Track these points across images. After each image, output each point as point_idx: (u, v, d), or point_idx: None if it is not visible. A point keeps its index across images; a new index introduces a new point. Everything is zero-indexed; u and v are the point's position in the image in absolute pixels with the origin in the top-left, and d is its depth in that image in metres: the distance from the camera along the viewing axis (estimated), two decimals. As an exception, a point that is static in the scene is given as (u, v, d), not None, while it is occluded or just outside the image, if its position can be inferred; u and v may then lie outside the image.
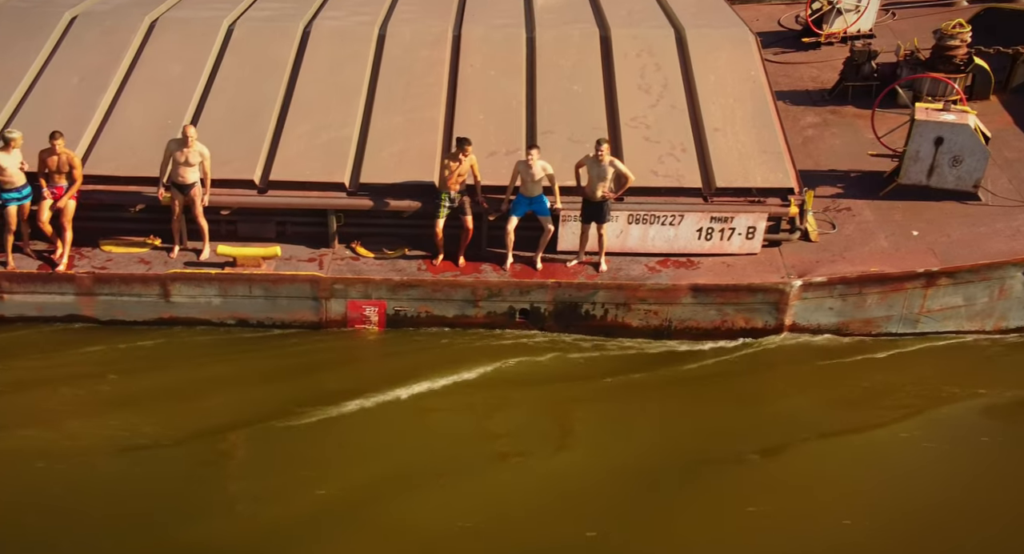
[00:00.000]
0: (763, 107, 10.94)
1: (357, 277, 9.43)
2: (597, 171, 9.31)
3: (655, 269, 9.73)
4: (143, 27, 11.44)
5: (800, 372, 9.33)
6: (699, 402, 9.00)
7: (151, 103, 10.46)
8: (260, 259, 9.34)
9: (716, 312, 9.58)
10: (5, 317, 9.39)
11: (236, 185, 9.73)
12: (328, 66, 11.21)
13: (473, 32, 11.88)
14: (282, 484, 7.88)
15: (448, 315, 9.63)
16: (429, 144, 10.34)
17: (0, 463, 7.96)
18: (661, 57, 11.65)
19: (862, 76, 12.86)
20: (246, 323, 9.57)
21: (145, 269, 9.35)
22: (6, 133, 8.99)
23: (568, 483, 8.02)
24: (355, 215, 9.84)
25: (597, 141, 9.30)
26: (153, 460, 8.06)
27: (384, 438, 8.40)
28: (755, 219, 9.72)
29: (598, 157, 9.23)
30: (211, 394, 8.79)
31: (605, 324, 9.66)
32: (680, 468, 8.24)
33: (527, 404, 8.97)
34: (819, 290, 9.46)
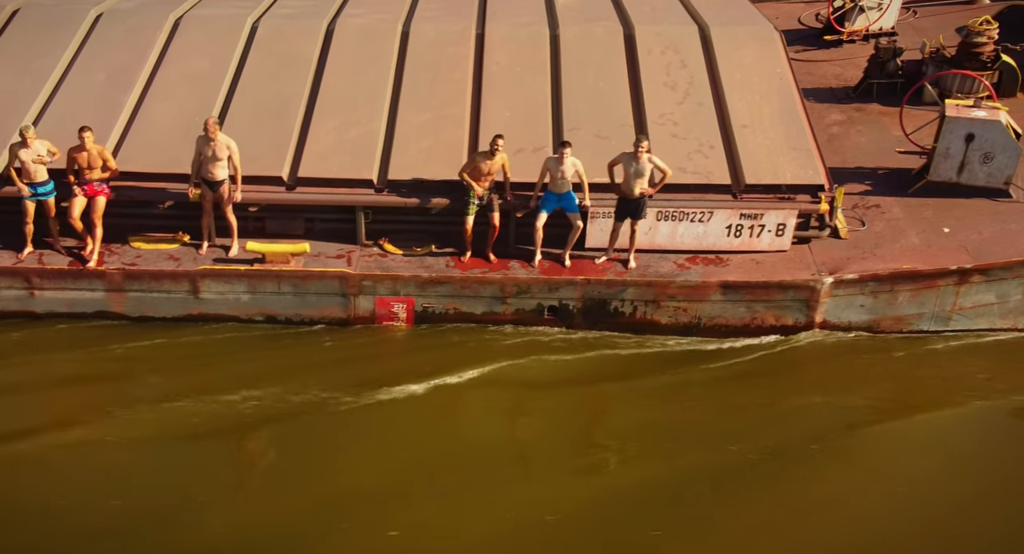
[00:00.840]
0: (790, 104, 10.89)
1: (386, 274, 9.40)
2: (635, 168, 9.23)
3: (684, 266, 9.68)
4: (168, 25, 11.45)
5: (831, 370, 9.26)
6: (730, 401, 8.92)
7: (178, 100, 10.46)
8: (289, 256, 9.32)
9: (746, 309, 9.52)
10: (36, 313, 9.40)
11: (264, 182, 9.71)
12: (353, 63, 11.20)
13: (497, 30, 11.86)
14: (305, 479, 7.85)
15: (476, 312, 9.60)
16: (456, 140, 10.31)
17: (27, 458, 7.95)
18: (686, 54, 11.61)
19: (887, 73, 12.80)
20: (274, 320, 9.56)
21: (174, 266, 9.34)
22: (22, 128, 8.99)
23: (600, 486, 7.95)
24: (383, 212, 9.82)
25: (636, 138, 9.24)
26: (177, 454, 8.06)
27: (410, 436, 8.36)
28: (785, 216, 9.66)
29: (637, 154, 9.17)
30: (238, 390, 8.74)
31: (634, 321, 9.61)
32: (712, 468, 8.14)
33: (556, 403, 8.92)
34: (850, 287, 9.40)
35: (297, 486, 7.76)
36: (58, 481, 7.74)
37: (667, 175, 9.31)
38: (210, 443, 8.21)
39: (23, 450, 8.01)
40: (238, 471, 8.08)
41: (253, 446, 8.40)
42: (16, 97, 10.24)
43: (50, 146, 9.13)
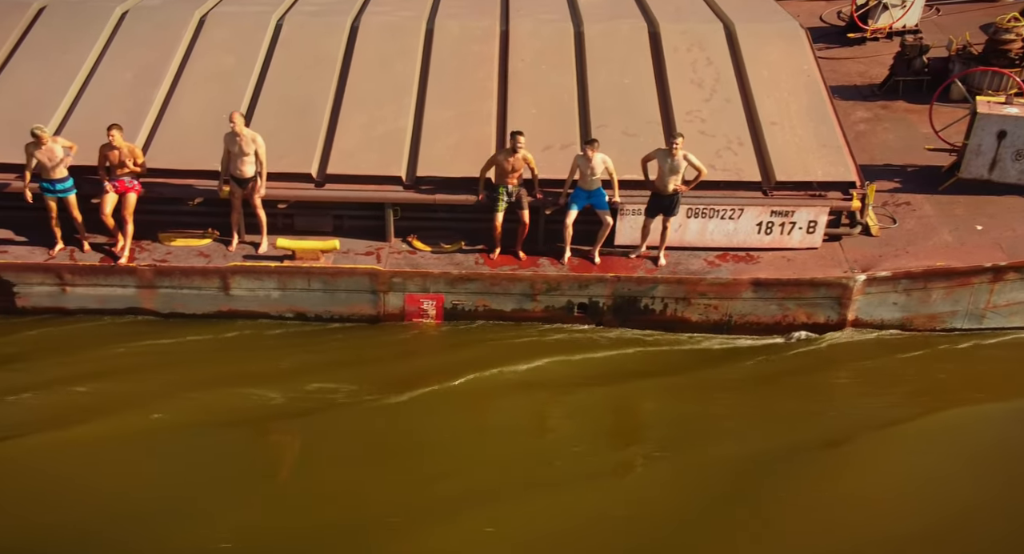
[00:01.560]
0: (819, 101, 10.84)
1: (416, 270, 9.38)
2: (670, 165, 9.19)
3: (714, 263, 9.63)
4: (193, 22, 11.45)
5: (863, 368, 9.20)
6: (761, 398, 8.87)
7: (205, 97, 10.46)
8: (319, 252, 9.31)
9: (777, 307, 9.46)
10: (68, 309, 9.42)
11: (293, 179, 9.70)
12: (378, 60, 11.19)
13: (521, 27, 11.83)
14: (332, 480, 7.80)
15: (506, 309, 9.56)
16: (484, 137, 10.29)
17: (58, 450, 7.97)
18: (712, 52, 11.57)
19: (913, 71, 12.73)
20: (304, 316, 9.55)
21: (205, 262, 9.34)
22: (32, 129, 8.97)
23: (630, 484, 7.91)
24: (411, 208, 9.80)
25: (673, 135, 9.19)
26: (202, 450, 8.05)
27: (440, 435, 8.33)
28: (816, 213, 9.60)
29: (672, 151, 9.12)
30: (267, 387, 8.73)
31: (664, 319, 9.57)
32: (741, 465, 8.09)
33: (585, 401, 8.87)
34: (883, 285, 9.34)
35: (323, 486, 7.71)
36: (84, 474, 7.75)
37: (702, 173, 9.26)
38: (235, 440, 8.21)
39: (50, 442, 8.02)
40: (263, 469, 8.02)
41: (279, 445, 8.39)
42: (45, 94, 10.25)
43: (64, 142, 9.13)
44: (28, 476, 7.71)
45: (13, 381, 8.65)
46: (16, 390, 8.55)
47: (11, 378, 8.68)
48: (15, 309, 9.37)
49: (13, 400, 8.43)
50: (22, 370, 8.77)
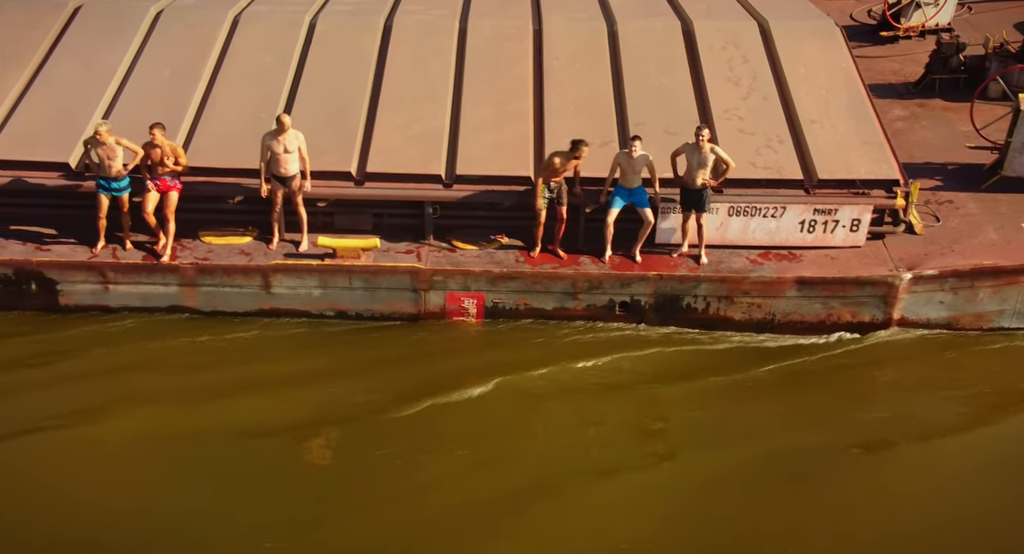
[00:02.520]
0: (858, 98, 10.78)
1: (457, 269, 9.36)
2: (697, 158, 9.19)
3: (757, 262, 9.57)
4: (227, 21, 11.48)
5: (910, 368, 9.12)
6: (806, 398, 8.80)
7: (243, 96, 10.48)
8: (359, 251, 9.30)
9: (822, 306, 9.40)
10: (110, 307, 9.43)
11: (333, 177, 9.71)
12: (413, 59, 11.19)
13: (554, 25, 11.82)
14: (374, 481, 7.73)
15: (547, 307, 9.53)
16: (522, 135, 10.27)
17: (96, 449, 7.96)
18: (747, 49, 11.52)
19: (950, 69, 12.66)
20: (345, 315, 9.53)
21: (246, 260, 9.34)
22: (97, 125, 9.04)
23: (678, 486, 7.82)
24: (451, 207, 9.79)
25: (697, 127, 9.18)
26: (248, 452, 8.00)
27: (484, 434, 8.27)
28: (860, 211, 9.54)
29: (698, 144, 9.12)
30: (307, 387, 8.72)
31: (707, 317, 9.52)
32: (786, 464, 8.01)
33: (628, 400, 8.82)
34: (929, 283, 9.26)
35: (367, 489, 7.65)
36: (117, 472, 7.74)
37: (730, 166, 9.24)
38: (274, 441, 8.13)
39: (86, 437, 8.01)
40: (300, 472, 7.94)
41: (318, 446, 8.30)
42: (84, 93, 10.29)
43: (129, 144, 9.13)
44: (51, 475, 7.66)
45: (51, 378, 8.64)
46: (53, 386, 8.55)
47: (49, 374, 8.68)
48: (58, 307, 9.40)
49: (49, 396, 8.42)
50: (62, 367, 8.77)
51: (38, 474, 7.66)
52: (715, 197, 9.59)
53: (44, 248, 9.39)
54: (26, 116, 10.03)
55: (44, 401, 8.36)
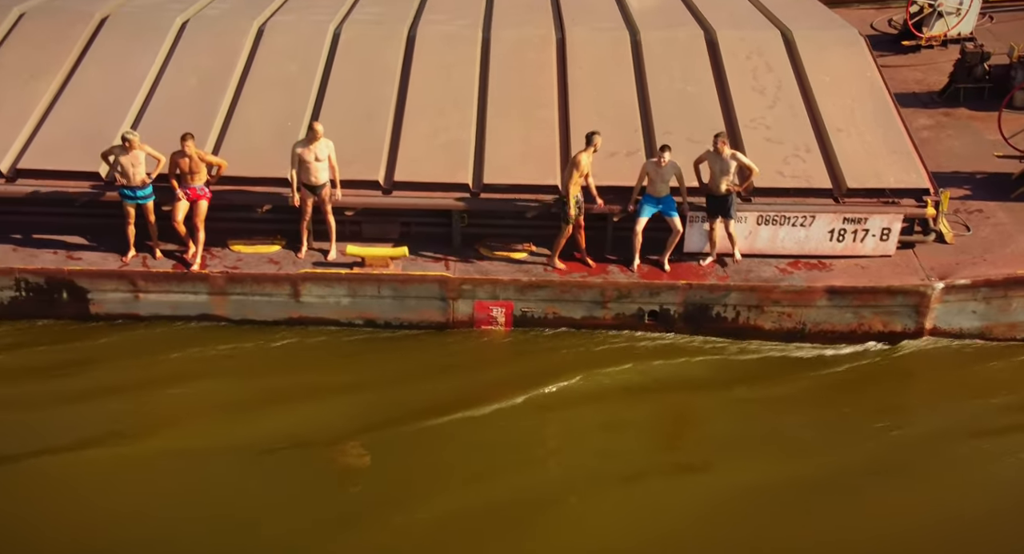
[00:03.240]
0: (884, 107, 10.82)
1: (485, 277, 9.40)
2: (719, 165, 9.25)
3: (786, 271, 9.59)
4: (252, 31, 11.60)
5: (943, 378, 9.12)
6: (837, 409, 8.78)
7: (270, 105, 10.57)
8: (388, 259, 9.35)
9: (853, 315, 9.40)
10: (140, 316, 9.50)
11: (360, 186, 9.78)
12: (437, 69, 11.28)
13: (577, 35, 11.90)
14: (405, 492, 7.73)
15: (576, 316, 9.56)
16: (548, 144, 10.34)
17: (125, 461, 7.96)
18: (771, 58, 11.59)
19: (974, 78, 12.69)
20: (373, 323, 9.58)
21: (275, 269, 9.41)
22: (125, 134, 9.15)
23: (708, 496, 7.80)
24: (478, 215, 9.85)
25: (715, 135, 9.23)
26: (277, 463, 8.01)
27: (512, 446, 8.27)
28: (890, 220, 9.55)
29: (717, 150, 9.18)
30: (337, 397, 8.74)
31: (736, 326, 9.53)
32: (814, 476, 7.98)
33: (658, 409, 8.84)
34: (962, 293, 9.26)
35: (396, 503, 7.62)
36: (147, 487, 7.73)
37: (754, 172, 9.31)
38: (303, 453, 8.15)
39: (121, 453, 8.02)
40: (328, 483, 7.93)
41: (348, 457, 8.30)
42: (113, 102, 10.40)
43: (151, 151, 9.26)
44: (84, 489, 7.67)
45: (82, 388, 8.69)
46: (85, 397, 8.60)
47: (80, 385, 8.74)
48: (89, 315, 9.47)
49: (80, 408, 8.46)
50: (93, 377, 8.83)
51: (70, 487, 7.69)
52: (744, 206, 9.64)
53: (75, 257, 9.47)
54: (56, 126, 10.14)
55: (75, 413, 8.41)
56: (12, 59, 10.94)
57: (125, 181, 9.18)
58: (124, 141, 9.09)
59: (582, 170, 9.28)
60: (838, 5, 16.07)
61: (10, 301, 9.46)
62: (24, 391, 8.64)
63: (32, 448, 7.97)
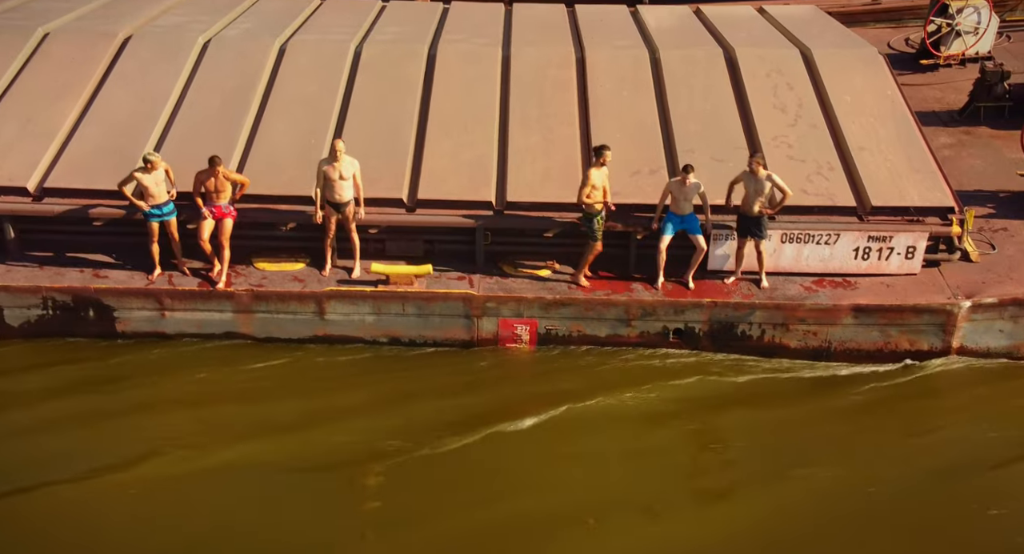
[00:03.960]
0: (906, 126, 10.95)
1: (510, 295, 9.50)
2: (754, 186, 9.36)
3: (811, 289, 9.66)
4: (274, 50, 11.79)
5: (970, 398, 9.16)
6: (863, 428, 8.81)
7: (293, 123, 10.74)
8: (413, 277, 9.46)
9: (879, 333, 9.46)
10: (166, 334, 9.61)
11: (384, 204, 9.92)
12: (459, 87, 11.45)
13: (598, 54, 12.07)
14: (429, 511, 7.80)
15: (600, 334, 9.64)
16: (571, 161, 10.47)
17: (142, 481, 8.02)
18: (791, 77, 11.74)
19: (994, 96, 12.81)
20: (398, 341, 9.67)
21: (300, 287, 9.52)
22: (147, 155, 9.32)
23: (732, 516, 7.85)
24: (502, 233, 9.97)
25: (751, 154, 9.32)
26: (302, 483, 8.05)
27: (535, 466, 8.32)
28: (915, 238, 9.64)
29: (754, 171, 9.29)
30: (363, 417, 8.80)
31: (762, 344, 9.60)
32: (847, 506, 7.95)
33: (685, 429, 8.88)
34: (989, 311, 9.32)
35: (422, 524, 7.67)
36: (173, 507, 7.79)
37: (787, 195, 9.39)
38: (329, 473, 8.19)
39: (147, 473, 8.08)
40: (357, 507, 7.97)
41: (373, 478, 8.33)
42: (137, 121, 10.58)
43: (166, 166, 9.44)
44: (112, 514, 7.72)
45: (109, 408, 8.78)
46: (111, 417, 8.68)
47: (107, 404, 8.82)
48: (115, 333, 9.58)
49: (108, 427, 8.55)
50: (120, 397, 8.91)
51: (98, 510, 7.75)
52: (768, 224, 9.70)
53: (101, 275, 9.61)
54: (82, 145, 10.32)
55: (102, 433, 8.49)
56: (37, 79, 11.14)
57: (152, 200, 9.33)
58: (146, 162, 9.28)
59: (592, 184, 9.35)
60: (855, 24, 16.28)
61: (37, 319, 9.59)
62: (51, 411, 8.72)
63: (62, 473, 8.02)
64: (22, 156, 10.12)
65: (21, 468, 8.07)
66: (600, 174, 9.39)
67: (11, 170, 9.96)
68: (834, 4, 16.89)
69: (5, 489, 7.84)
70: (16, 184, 9.82)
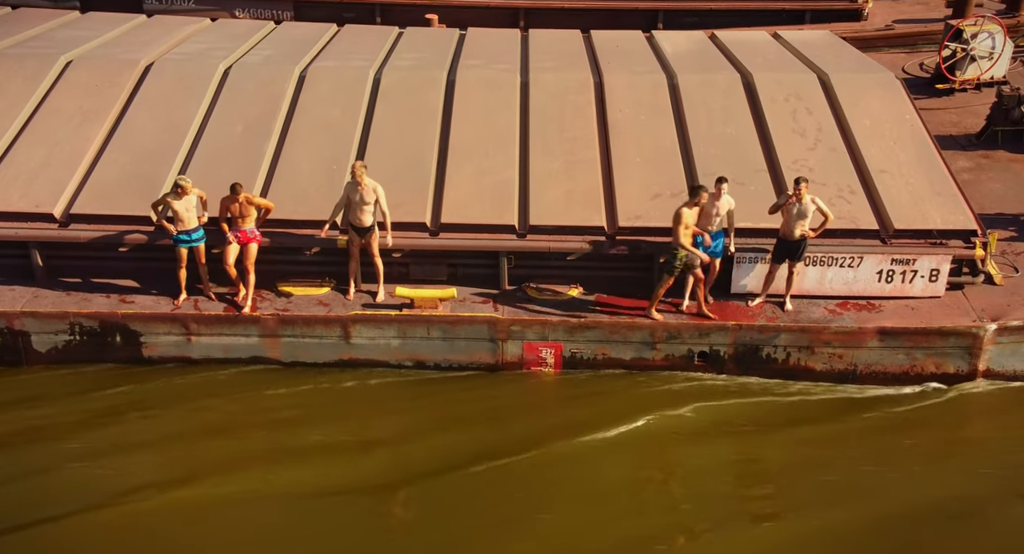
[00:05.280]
0: (926, 150, 11.23)
1: (534, 319, 9.72)
2: (798, 209, 9.57)
3: (835, 312, 9.88)
4: (294, 77, 12.14)
5: (999, 422, 9.34)
6: (890, 452, 8.97)
7: (315, 149, 11.05)
8: (437, 301, 9.68)
9: (905, 356, 9.65)
10: (192, 358, 9.83)
11: (408, 228, 10.18)
12: (479, 112, 11.77)
13: (616, 79, 12.41)
14: (462, 537, 7.91)
15: (625, 357, 9.84)
16: (592, 185, 10.76)
17: (173, 509, 8.17)
18: (809, 101, 12.05)
19: (1012, 120, 13.12)
20: (423, 365, 9.89)
21: (325, 311, 9.75)
22: (179, 180, 9.59)
23: (761, 540, 7.96)
24: (525, 257, 10.21)
25: (796, 180, 9.57)
26: (326, 511, 8.21)
27: (562, 492, 8.45)
28: (939, 261, 9.87)
29: (798, 196, 9.51)
30: (389, 444, 8.97)
31: (787, 367, 9.80)
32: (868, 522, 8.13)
33: (711, 454, 9.01)
34: (1015, 334, 9.52)
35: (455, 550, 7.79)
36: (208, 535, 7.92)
37: (829, 219, 9.61)
38: (359, 499, 8.33)
39: (179, 502, 8.21)
40: (387, 533, 8.10)
41: (398, 505, 8.48)
42: (161, 147, 10.89)
43: (200, 192, 9.71)
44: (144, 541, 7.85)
45: (138, 434, 8.96)
46: (141, 445, 8.84)
47: (136, 431, 9.00)
48: (142, 359, 9.81)
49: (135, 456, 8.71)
50: (148, 424, 9.10)
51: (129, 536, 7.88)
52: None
53: (128, 300, 9.86)
54: (106, 171, 10.62)
55: (133, 461, 8.64)
56: (61, 106, 11.48)
57: (181, 226, 9.59)
58: (177, 187, 9.55)
59: (685, 223, 9.46)
60: (869, 49, 16.65)
61: (64, 345, 9.82)
62: (81, 440, 8.87)
63: (92, 501, 8.16)
64: (48, 183, 10.43)
65: (52, 497, 8.23)
66: (693, 214, 9.53)
67: (37, 196, 10.25)
68: (848, 29, 17.31)
69: (35, 518, 7.98)
70: (43, 210, 10.11)
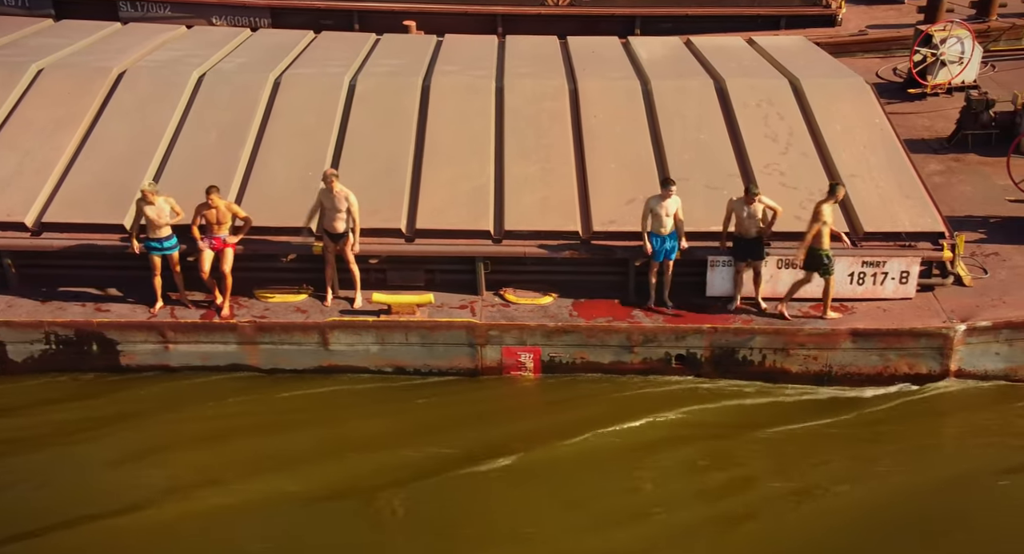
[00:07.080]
0: (895, 153, 11.69)
1: (513, 323, 10.03)
2: (748, 212, 9.99)
3: (809, 314, 10.26)
4: (269, 84, 12.39)
5: (971, 420, 9.76)
6: (866, 451, 9.33)
7: (290, 156, 11.31)
8: (415, 306, 9.95)
9: (878, 357, 10.06)
10: (171, 367, 10.02)
11: (384, 234, 10.46)
12: (454, 118, 12.09)
13: (590, 85, 12.78)
14: (451, 541, 8.15)
15: (604, 361, 10.16)
16: (567, 190, 11.10)
17: (163, 519, 8.31)
18: (781, 107, 12.49)
19: (981, 124, 13.65)
20: (403, 370, 10.16)
21: (303, 318, 10.00)
22: (143, 187, 9.75)
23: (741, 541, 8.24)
24: (502, 262, 10.53)
25: (748, 187, 9.97)
26: (314, 516, 8.40)
27: (543, 496, 8.70)
28: (909, 263, 10.30)
29: (751, 200, 9.90)
30: (369, 450, 9.18)
31: (763, 370, 10.17)
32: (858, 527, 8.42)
33: (695, 457, 9.28)
34: (984, 335, 9.96)
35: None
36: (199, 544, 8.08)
37: (778, 212, 10.05)
38: (350, 504, 8.56)
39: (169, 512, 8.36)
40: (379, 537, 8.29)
41: (396, 508, 8.70)
42: (134, 155, 11.10)
43: (174, 205, 9.90)
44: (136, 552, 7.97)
45: (118, 446, 9.09)
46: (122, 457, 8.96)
47: (116, 443, 9.13)
48: (119, 367, 9.99)
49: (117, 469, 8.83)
50: (128, 435, 9.23)
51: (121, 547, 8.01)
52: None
53: (103, 309, 10.04)
54: (79, 179, 10.82)
55: (121, 471, 8.78)
56: (33, 114, 11.66)
57: (153, 233, 9.77)
58: (142, 193, 9.71)
59: (823, 219, 9.72)
60: (843, 54, 17.20)
61: (41, 354, 9.98)
62: (64, 450, 9.02)
63: (81, 512, 8.31)
64: (19, 191, 10.62)
65: (37, 510, 8.37)
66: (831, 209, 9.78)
67: (9, 205, 10.43)
68: (822, 35, 17.86)
69: (18, 531, 8.11)
70: (14, 219, 10.30)
